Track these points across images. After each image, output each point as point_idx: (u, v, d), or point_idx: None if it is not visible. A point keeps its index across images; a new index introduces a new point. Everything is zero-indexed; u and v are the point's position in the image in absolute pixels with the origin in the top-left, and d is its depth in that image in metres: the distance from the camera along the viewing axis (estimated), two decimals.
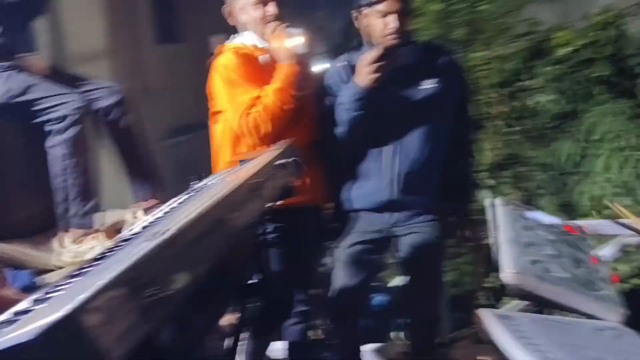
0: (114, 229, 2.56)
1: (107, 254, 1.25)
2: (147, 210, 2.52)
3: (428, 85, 2.10)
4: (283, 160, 1.40)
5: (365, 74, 1.96)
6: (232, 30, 2.22)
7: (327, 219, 2.43)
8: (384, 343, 3.32)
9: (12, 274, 2.03)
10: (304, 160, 1.62)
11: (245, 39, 2.14)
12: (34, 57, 2.38)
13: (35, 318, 0.73)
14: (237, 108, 1.98)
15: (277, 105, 1.97)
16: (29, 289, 2.07)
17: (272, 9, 2.08)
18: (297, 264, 2.22)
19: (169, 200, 2.53)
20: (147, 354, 0.76)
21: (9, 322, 0.99)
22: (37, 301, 1.08)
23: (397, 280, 3.74)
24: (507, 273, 1.95)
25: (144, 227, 1.43)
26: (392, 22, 2.02)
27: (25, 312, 1.02)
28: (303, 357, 2.46)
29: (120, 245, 1.28)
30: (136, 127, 2.48)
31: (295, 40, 2.05)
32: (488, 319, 1.75)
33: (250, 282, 1.50)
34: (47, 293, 1.09)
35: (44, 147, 2.25)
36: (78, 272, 1.15)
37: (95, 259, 1.21)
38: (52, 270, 2.32)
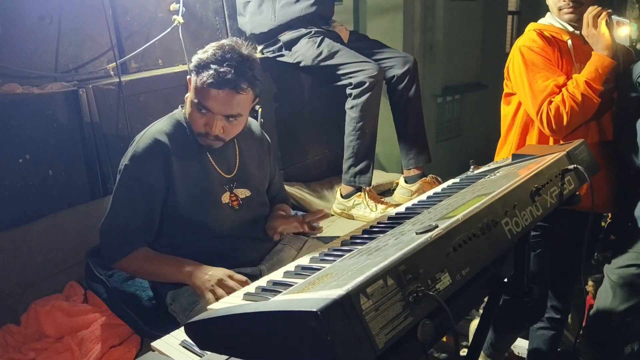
0: (377, 191, 2.74)
1: (374, 229, 1.34)
2: (408, 180, 2.62)
3: None
4: (570, 167, 1.25)
5: None
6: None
7: (603, 229, 2.16)
8: None
9: (293, 212, 2.33)
10: (593, 163, 1.44)
11: (554, 20, 1.95)
12: (339, 24, 2.60)
13: (307, 290, 0.80)
14: (538, 93, 1.82)
15: (586, 98, 1.76)
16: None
17: None
18: (557, 269, 2.05)
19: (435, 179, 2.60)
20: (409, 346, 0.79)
21: (269, 291, 1.14)
22: (287, 273, 1.22)
23: None
24: None
25: (410, 207, 1.48)
26: None
27: (281, 283, 1.16)
28: None
29: (387, 224, 1.35)
30: (419, 97, 2.55)
31: (622, 30, 1.79)
32: None
33: (505, 279, 1.44)
34: (302, 268, 1.21)
35: (341, 106, 2.48)
36: (337, 251, 1.24)
37: (357, 238, 1.31)
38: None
